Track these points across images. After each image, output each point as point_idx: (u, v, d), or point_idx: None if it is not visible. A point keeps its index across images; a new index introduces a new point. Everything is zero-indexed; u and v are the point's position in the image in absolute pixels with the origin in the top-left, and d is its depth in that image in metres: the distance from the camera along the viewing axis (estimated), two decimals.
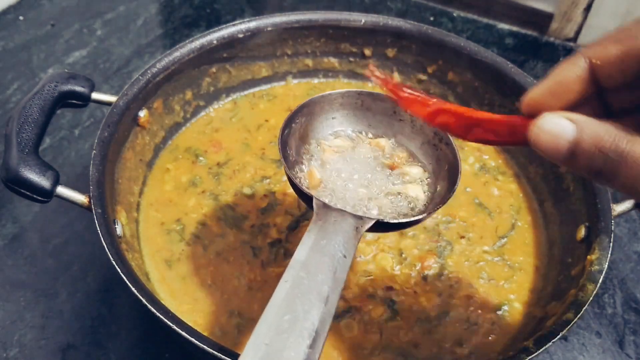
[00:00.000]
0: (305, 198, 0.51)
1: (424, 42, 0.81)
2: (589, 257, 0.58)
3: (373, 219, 0.47)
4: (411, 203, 0.55)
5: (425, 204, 0.55)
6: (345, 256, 0.43)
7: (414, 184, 0.56)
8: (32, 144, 0.57)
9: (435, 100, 0.47)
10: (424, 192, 0.56)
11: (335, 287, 0.41)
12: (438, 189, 0.56)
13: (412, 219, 0.50)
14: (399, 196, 0.55)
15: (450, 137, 0.55)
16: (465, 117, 0.46)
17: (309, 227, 0.46)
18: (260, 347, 0.37)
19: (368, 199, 0.54)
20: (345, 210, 0.47)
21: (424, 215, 0.51)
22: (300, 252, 0.43)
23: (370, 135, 0.60)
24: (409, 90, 0.49)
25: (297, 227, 0.68)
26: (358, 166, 0.57)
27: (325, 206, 0.48)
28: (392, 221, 0.49)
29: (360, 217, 0.47)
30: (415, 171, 0.57)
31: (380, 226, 0.48)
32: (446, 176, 0.55)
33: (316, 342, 0.38)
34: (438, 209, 0.51)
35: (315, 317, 0.39)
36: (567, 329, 0.52)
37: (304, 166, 0.56)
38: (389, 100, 0.58)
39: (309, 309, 0.39)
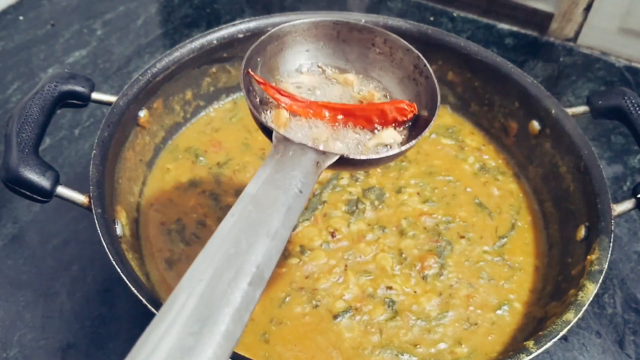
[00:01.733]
0: (267, 133, 0.48)
1: (424, 42, 0.80)
2: (589, 257, 0.58)
3: (337, 154, 0.44)
4: (387, 146, 0.51)
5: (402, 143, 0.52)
6: (301, 191, 0.41)
7: (388, 129, 0.52)
8: (32, 144, 0.57)
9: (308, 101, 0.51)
10: (400, 134, 0.52)
11: (286, 222, 0.39)
12: (416, 124, 0.52)
13: (383, 155, 0.47)
14: (372, 140, 0.51)
15: (430, 70, 0.53)
16: (335, 108, 0.50)
17: (265, 160, 0.43)
18: (197, 282, 0.35)
19: (334, 140, 0.51)
20: (306, 145, 0.44)
21: (397, 151, 0.48)
22: (252, 186, 0.41)
23: (336, 70, 0.56)
24: (286, 93, 0.51)
25: (296, 227, 0.68)
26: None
27: (285, 139, 0.45)
28: (358, 157, 0.46)
29: (322, 152, 0.44)
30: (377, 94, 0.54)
31: (346, 162, 0.45)
32: (425, 110, 0.52)
33: (258, 280, 0.36)
34: (413, 143, 0.48)
35: (260, 252, 0.37)
36: (567, 329, 0.52)
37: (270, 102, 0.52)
38: (366, 31, 0.55)
39: (254, 243, 0.37)
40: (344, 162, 0.45)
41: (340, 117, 0.52)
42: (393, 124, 0.52)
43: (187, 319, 0.33)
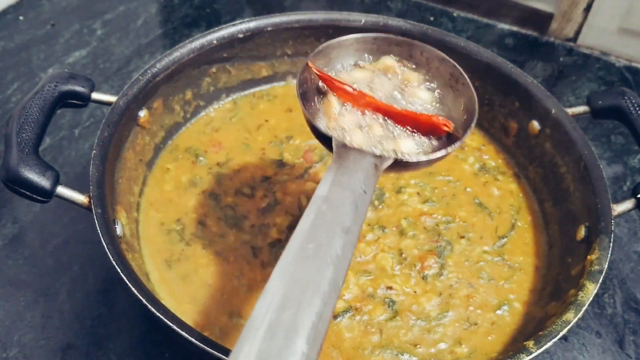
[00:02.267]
0: (325, 140, 0.51)
1: (424, 42, 0.80)
2: (589, 257, 0.58)
3: (392, 157, 0.48)
4: (427, 143, 0.54)
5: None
6: (365, 192, 0.45)
7: (408, 139, 0.55)
8: (32, 144, 0.57)
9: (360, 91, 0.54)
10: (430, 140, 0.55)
11: (356, 219, 0.42)
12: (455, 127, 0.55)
13: (432, 156, 0.50)
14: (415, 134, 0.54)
15: (466, 77, 0.56)
16: (379, 107, 0.53)
17: (329, 165, 0.47)
18: (286, 273, 0.38)
19: (385, 138, 0.54)
20: (363, 150, 0.48)
21: (443, 152, 0.51)
22: (322, 188, 0.44)
23: (370, 59, 0.59)
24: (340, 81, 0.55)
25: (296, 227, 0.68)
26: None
27: (345, 146, 0.49)
28: (411, 159, 0.50)
29: (379, 156, 0.48)
30: (425, 96, 0.57)
31: (399, 165, 0.49)
32: (463, 116, 0.55)
33: (339, 269, 0.39)
34: (456, 146, 0.51)
35: (338, 246, 0.40)
36: (567, 329, 0.52)
37: (320, 111, 0.55)
38: (404, 44, 0.59)
39: (332, 237, 0.40)
40: (397, 165, 0.49)
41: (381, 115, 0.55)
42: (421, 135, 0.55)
43: (280, 302, 0.36)
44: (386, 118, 0.54)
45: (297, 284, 0.37)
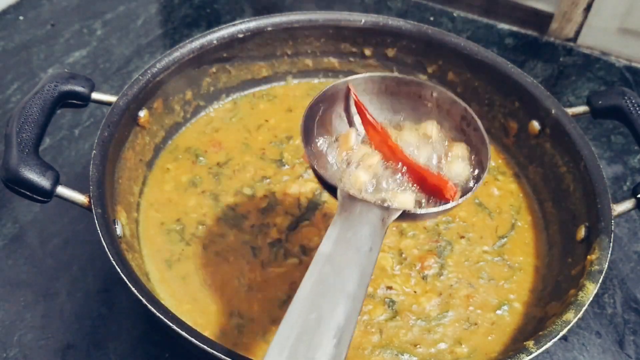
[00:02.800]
0: (330, 189, 0.50)
1: (424, 42, 0.81)
2: (589, 257, 0.58)
3: (399, 209, 0.46)
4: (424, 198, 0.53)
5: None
6: (371, 249, 0.42)
7: (406, 193, 0.54)
8: (32, 144, 0.57)
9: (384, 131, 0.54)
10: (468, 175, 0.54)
11: (361, 282, 0.40)
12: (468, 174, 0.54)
13: (441, 208, 0.49)
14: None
15: (478, 122, 0.54)
16: (397, 154, 0.52)
17: (334, 219, 0.44)
18: (285, 347, 0.35)
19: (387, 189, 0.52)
20: (370, 202, 0.46)
21: (454, 204, 0.49)
22: (326, 245, 0.41)
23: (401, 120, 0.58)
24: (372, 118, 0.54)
25: (297, 227, 0.68)
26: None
27: (351, 197, 0.46)
28: (419, 212, 0.48)
29: (386, 208, 0.46)
30: (460, 150, 0.55)
31: (407, 216, 0.47)
32: (474, 163, 0.54)
33: (342, 341, 0.37)
34: (468, 196, 0.50)
35: (341, 315, 0.37)
36: (567, 329, 0.52)
37: (329, 156, 0.54)
38: (413, 84, 0.57)
39: (335, 306, 0.38)
40: (405, 216, 0.47)
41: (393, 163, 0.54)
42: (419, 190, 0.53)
43: None
44: (397, 167, 0.53)
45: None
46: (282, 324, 0.37)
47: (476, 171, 0.53)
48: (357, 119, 0.57)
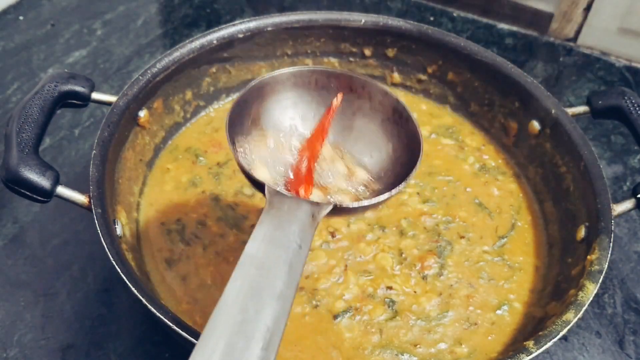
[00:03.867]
0: (257, 186, 0.48)
1: (424, 42, 0.81)
2: (589, 257, 0.58)
3: (330, 204, 0.45)
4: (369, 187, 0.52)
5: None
6: (301, 247, 0.40)
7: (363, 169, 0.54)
8: (32, 144, 0.57)
9: None
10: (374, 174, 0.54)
11: (290, 281, 0.38)
12: (399, 168, 0.53)
13: (374, 200, 0.47)
14: (354, 180, 0.52)
15: (409, 111, 0.53)
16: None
17: (261, 217, 0.42)
18: (210, 354, 0.34)
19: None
20: (300, 197, 0.45)
21: (387, 195, 0.48)
22: (251, 246, 0.40)
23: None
24: None
25: None
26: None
27: (278, 193, 0.45)
28: (351, 205, 0.47)
29: (316, 203, 0.44)
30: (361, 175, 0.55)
31: (339, 211, 0.46)
32: (408, 152, 0.53)
33: (270, 343, 0.36)
34: (400, 188, 0.48)
35: (269, 317, 0.36)
36: (567, 328, 0.52)
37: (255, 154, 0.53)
38: (343, 77, 0.56)
39: (261, 308, 0.36)
40: (337, 210, 0.45)
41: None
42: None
43: None
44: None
45: None
46: (206, 329, 0.35)
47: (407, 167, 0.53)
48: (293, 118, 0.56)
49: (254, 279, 0.38)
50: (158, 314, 0.50)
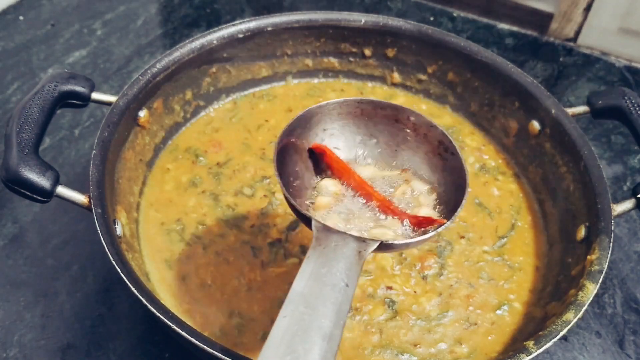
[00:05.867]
0: (305, 220, 0.48)
1: (424, 42, 0.81)
2: (589, 257, 0.58)
3: (377, 240, 0.45)
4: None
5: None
6: (347, 285, 0.40)
7: (424, 206, 0.53)
8: (32, 144, 0.57)
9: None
10: (435, 209, 0.53)
11: (337, 321, 0.38)
12: (446, 200, 0.53)
13: (419, 238, 0.48)
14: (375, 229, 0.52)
15: (456, 146, 0.53)
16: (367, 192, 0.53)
17: (308, 253, 0.43)
18: None
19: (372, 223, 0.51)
20: (346, 233, 0.44)
21: (433, 233, 0.48)
22: (299, 283, 0.40)
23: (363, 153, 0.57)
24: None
25: (297, 227, 0.68)
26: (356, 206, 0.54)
27: (326, 228, 0.45)
28: (397, 242, 0.47)
29: (363, 240, 0.44)
30: (419, 185, 0.55)
31: (385, 247, 0.46)
32: (453, 187, 0.53)
33: None
34: (447, 225, 0.49)
35: (317, 356, 0.36)
36: (567, 328, 0.52)
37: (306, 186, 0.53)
38: (389, 108, 0.56)
39: (310, 347, 0.36)
40: (383, 247, 0.45)
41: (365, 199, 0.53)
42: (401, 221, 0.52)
43: None
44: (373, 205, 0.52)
45: None
46: None
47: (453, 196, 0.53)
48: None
49: (302, 317, 0.38)
50: (158, 314, 0.50)
